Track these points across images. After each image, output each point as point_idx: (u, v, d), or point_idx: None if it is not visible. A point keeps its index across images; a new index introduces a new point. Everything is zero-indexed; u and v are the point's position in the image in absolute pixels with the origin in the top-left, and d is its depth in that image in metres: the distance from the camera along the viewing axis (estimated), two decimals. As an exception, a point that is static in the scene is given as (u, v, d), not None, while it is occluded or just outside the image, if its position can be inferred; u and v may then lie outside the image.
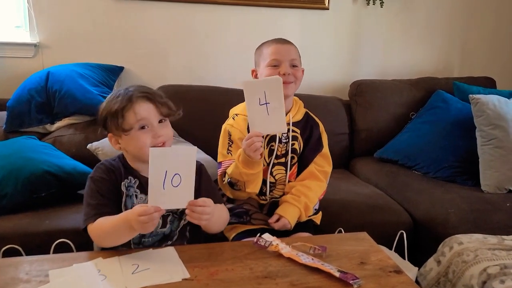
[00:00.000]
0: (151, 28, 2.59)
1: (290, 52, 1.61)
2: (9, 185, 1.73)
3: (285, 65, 1.58)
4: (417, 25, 2.98)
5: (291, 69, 1.59)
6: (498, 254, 1.42)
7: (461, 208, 1.93)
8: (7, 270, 1.14)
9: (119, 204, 1.31)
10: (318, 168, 1.66)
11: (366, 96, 2.69)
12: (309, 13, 2.79)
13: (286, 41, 1.66)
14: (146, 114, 1.28)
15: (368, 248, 1.32)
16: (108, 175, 1.32)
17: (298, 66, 1.63)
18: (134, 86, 1.35)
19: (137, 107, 1.27)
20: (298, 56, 1.64)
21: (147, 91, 1.32)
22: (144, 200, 1.31)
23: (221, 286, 1.10)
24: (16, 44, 2.43)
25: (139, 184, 1.32)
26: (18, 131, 2.16)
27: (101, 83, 2.31)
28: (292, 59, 1.60)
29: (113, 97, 1.32)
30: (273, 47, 1.61)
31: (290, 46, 1.64)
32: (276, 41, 1.64)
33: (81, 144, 2.11)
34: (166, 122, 1.33)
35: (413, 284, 1.15)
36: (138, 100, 1.28)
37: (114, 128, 1.29)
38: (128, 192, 1.32)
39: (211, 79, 2.62)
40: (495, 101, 2.22)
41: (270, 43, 1.64)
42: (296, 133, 1.64)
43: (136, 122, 1.27)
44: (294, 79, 1.60)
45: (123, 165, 1.35)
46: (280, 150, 1.61)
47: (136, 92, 1.29)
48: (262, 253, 1.26)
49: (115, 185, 1.32)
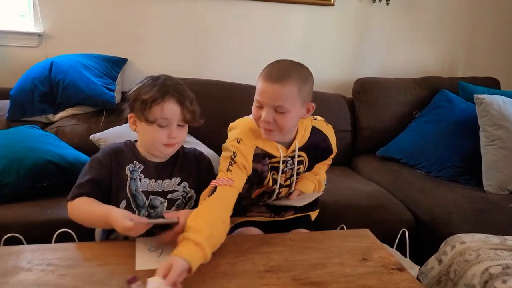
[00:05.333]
0: (155, 21, 2.58)
1: (276, 97, 1.31)
2: (11, 174, 1.73)
3: (266, 111, 1.32)
4: (423, 24, 2.97)
5: (273, 115, 1.32)
6: (501, 254, 1.42)
7: (463, 208, 1.92)
8: (8, 259, 1.14)
9: (119, 186, 1.33)
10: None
11: (369, 94, 2.68)
12: (314, 9, 2.78)
13: (278, 80, 1.31)
14: (171, 115, 1.29)
15: (370, 245, 1.32)
16: (110, 159, 1.34)
17: (285, 114, 1.32)
18: (172, 79, 1.36)
19: (166, 106, 1.28)
20: (290, 98, 1.32)
21: (181, 93, 1.32)
22: (148, 184, 1.33)
23: (224, 279, 1.10)
24: (20, 33, 2.43)
25: (144, 169, 1.35)
26: (21, 120, 2.16)
27: (105, 74, 2.31)
28: (276, 106, 1.31)
29: (150, 83, 1.32)
30: (262, 84, 1.33)
31: (280, 88, 1.30)
32: (268, 76, 1.33)
33: (83, 135, 2.12)
34: (185, 125, 1.35)
35: (416, 282, 1.15)
36: (170, 98, 1.29)
37: (138, 113, 1.31)
38: (132, 176, 1.33)
39: (214, 73, 2.62)
40: (500, 102, 2.22)
41: (263, 75, 1.35)
42: (302, 157, 1.51)
43: (160, 118, 1.29)
44: (277, 127, 1.34)
45: (131, 149, 1.38)
46: (284, 179, 1.52)
47: (172, 90, 1.30)
48: (264, 247, 1.26)
49: (118, 168, 1.34)
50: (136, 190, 1.32)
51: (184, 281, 1.05)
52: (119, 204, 1.31)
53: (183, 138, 1.37)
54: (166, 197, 1.35)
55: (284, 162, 1.47)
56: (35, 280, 1.05)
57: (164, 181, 1.35)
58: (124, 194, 1.32)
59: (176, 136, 1.32)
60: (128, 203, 1.32)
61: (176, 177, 1.37)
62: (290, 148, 1.45)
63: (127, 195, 1.32)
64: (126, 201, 1.32)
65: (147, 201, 1.33)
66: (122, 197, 1.32)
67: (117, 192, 1.33)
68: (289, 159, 1.47)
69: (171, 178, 1.37)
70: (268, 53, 2.74)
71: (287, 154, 1.46)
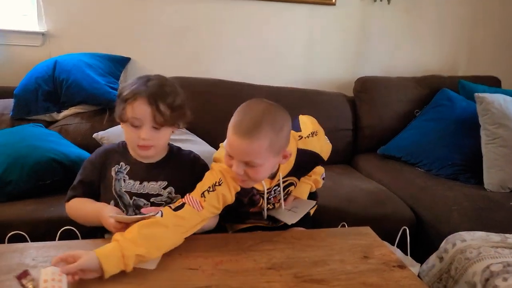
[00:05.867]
0: (158, 20, 2.59)
1: (245, 153, 1.20)
2: (15, 172, 1.74)
3: (236, 165, 1.22)
4: (424, 22, 2.97)
5: (244, 169, 1.22)
6: (501, 252, 1.42)
7: (464, 206, 1.93)
8: (12, 256, 1.15)
9: (106, 186, 1.35)
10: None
11: (370, 92, 2.69)
12: (316, 8, 2.78)
13: (247, 134, 1.18)
14: (141, 115, 1.27)
15: (371, 243, 1.32)
16: (102, 159, 1.37)
17: (257, 167, 1.22)
18: (156, 79, 1.32)
19: (136, 105, 1.26)
20: (261, 153, 1.20)
21: (158, 94, 1.27)
22: (132, 185, 1.34)
23: (226, 276, 1.11)
24: (24, 33, 2.44)
25: (130, 170, 1.35)
26: (25, 119, 2.17)
27: (108, 73, 2.32)
28: (246, 162, 1.22)
29: (133, 82, 1.31)
30: (231, 135, 1.21)
31: (249, 144, 1.18)
32: (237, 128, 1.20)
33: (87, 133, 2.13)
34: (162, 129, 1.30)
35: (417, 279, 1.15)
36: (141, 99, 1.26)
37: (117, 111, 1.31)
38: (117, 177, 1.35)
39: (216, 72, 2.62)
40: (501, 100, 2.22)
41: (233, 124, 1.21)
42: (290, 179, 1.46)
43: (131, 118, 1.27)
44: (251, 179, 1.27)
45: (122, 150, 1.38)
46: (272, 203, 1.49)
47: (147, 90, 1.27)
48: (266, 245, 1.27)
49: (106, 169, 1.36)
50: (120, 190, 1.34)
51: (186, 279, 1.06)
52: (108, 203, 1.33)
53: (159, 141, 1.32)
54: (149, 200, 1.34)
55: (269, 192, 1.43)
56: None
57: (149, 183, 1.35)
58: (111, 194, 1.34)
59: (147, 138, 1.28)
60: (116, 202, 1.34)
61: (163, 181, 1.36)
62: (274, 179, 1.40)
63: (114, 195, 1.34)
64: (114, 201, 1.34)
65: (131, 201, 1.34)
66: (110, 197, 1.34)
67: (105, 192, 1.35)
68: (275, 187, 1.43)
69: (157, 181, 1.35)
70: (270, 52, 2.75)
71: (271, 186, 1.41)
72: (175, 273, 1.11)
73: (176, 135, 2.15)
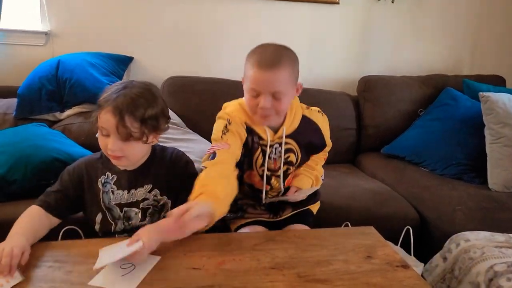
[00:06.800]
0: (161, 19, 2.59)
1: (273, 84, 1.32)
2: (19, 171, 1.74)
3: (264, 98, 1.33)
4: (428, 21, 2.96)
5: (271, 102, 1.34)
6: (505, 252, 1.42)
7: (468, 206, 1.92)
8: (16, 255, 1.15)
9: (93, 200, 1.32)
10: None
11: (374, 92, 2.68)
12: (319, 7, 2.78)
13: (272, 66, 1.31)
14: (106, 126, 1.23)
15: (375, 243, 1.32)
16: (82, 172, 1.33)
17: (282, 98, 1.35)
18: (136, 87, 1.26)
19: (102, 114, 1.23)
20: (285, 82, 1.34)
21: (123, 104, 1.21)
22: (121, 196, 1.32)
23: (229, 276, 1.10)
24: (27, 32, 2.45)
25: (117, 180, 1.33)
26: (28, 118, 2.17)
27: (111, 73, 2.32)
28: (274, 92, 1.33)
29: (111, 87, 1.28)
30: (255, 73, 1.32)
31: (274, 74, 1.31)
32: (259, 64, 1.32)
33: (90, 133, 2.12)
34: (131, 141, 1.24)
35: (420, 279, 1.15)
36: (107, 108, 1.21)
37: (93, 115, 1.28)
38: (105, 189, 1.32)
39: (218, 71, 2.62)
40: (506, 99, 2.21)
41: (254, 63, 1.33)
42: (291, 145, 1.51)
43: (100, 126, 1.25)
44: (275, 111, 1.37)
45: (106, 159, 1.33)
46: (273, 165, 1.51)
47: (115, 99, 1.21)
48: (269, 244, 1.27)
49: (91, 182, 1.32)
50: (110, 203, 1.31)
51: (189, 279, 1.06)
52: (95, 217, 1.32)
53: (129, 153, 1.26)
54: (139, 207, 1.33)
55: (271, 147, 1.47)
56: (42, 277, 1.07)
57: (137, 190, 1.33)
58: (99, 208, 1.32)
59: (113, 149, 1.23)
60: (104, 215, 1.32)
61: (148, 184, 1.33)
62: (277, 133, 1.46)
63: (102, 208, 1.32)
64: (102, 214, 1.32)
65: (121, 213, 1.32)
66: (97, 211, 1.32)
67: (92, 206, 1.33)
68: (277, 145, 1.48)
69: (143, 186, 1.33)
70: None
71: (274, 139, 1.46)
72: (178, 272, 1.11)
73: (178, 135, 2.17)
